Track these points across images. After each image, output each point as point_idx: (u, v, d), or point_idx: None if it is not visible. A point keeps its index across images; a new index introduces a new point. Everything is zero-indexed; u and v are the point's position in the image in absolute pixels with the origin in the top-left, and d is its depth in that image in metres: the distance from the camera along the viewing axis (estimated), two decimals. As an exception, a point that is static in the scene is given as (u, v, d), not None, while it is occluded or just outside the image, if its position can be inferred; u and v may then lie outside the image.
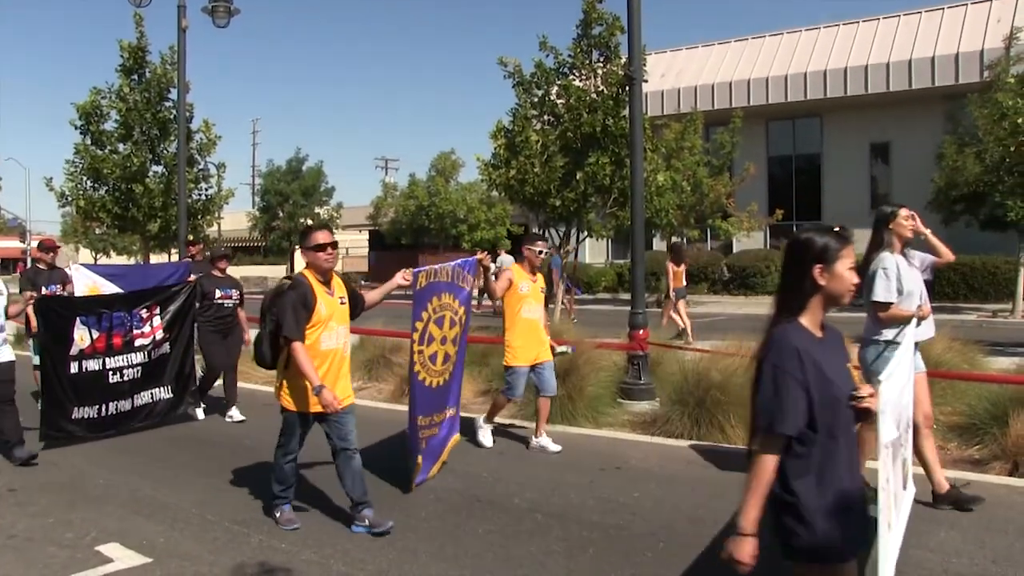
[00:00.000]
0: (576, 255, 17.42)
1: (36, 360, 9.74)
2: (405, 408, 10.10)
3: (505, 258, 25.68)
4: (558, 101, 15.64)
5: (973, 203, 23.16)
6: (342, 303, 5.87)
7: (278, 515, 5.88)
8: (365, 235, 52.90)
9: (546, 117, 15.92)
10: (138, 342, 9.17)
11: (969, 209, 23.70)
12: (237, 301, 9.80)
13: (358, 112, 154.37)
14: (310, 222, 44.35)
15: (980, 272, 26.57)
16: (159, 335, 9.37)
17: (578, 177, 14.87)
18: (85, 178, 18.09)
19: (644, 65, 11.31)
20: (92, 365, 8.72)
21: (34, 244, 47.20)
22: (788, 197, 33.25)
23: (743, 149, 28.87)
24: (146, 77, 17.90)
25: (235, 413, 9.70)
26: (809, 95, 31.60)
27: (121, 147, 17.97)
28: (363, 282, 47.14)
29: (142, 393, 9.20)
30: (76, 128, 17.96)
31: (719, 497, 6.31)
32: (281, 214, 46.15)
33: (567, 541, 5.42)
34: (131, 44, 17.78)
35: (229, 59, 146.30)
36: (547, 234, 16.37)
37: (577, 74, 15.55)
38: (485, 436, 8.20)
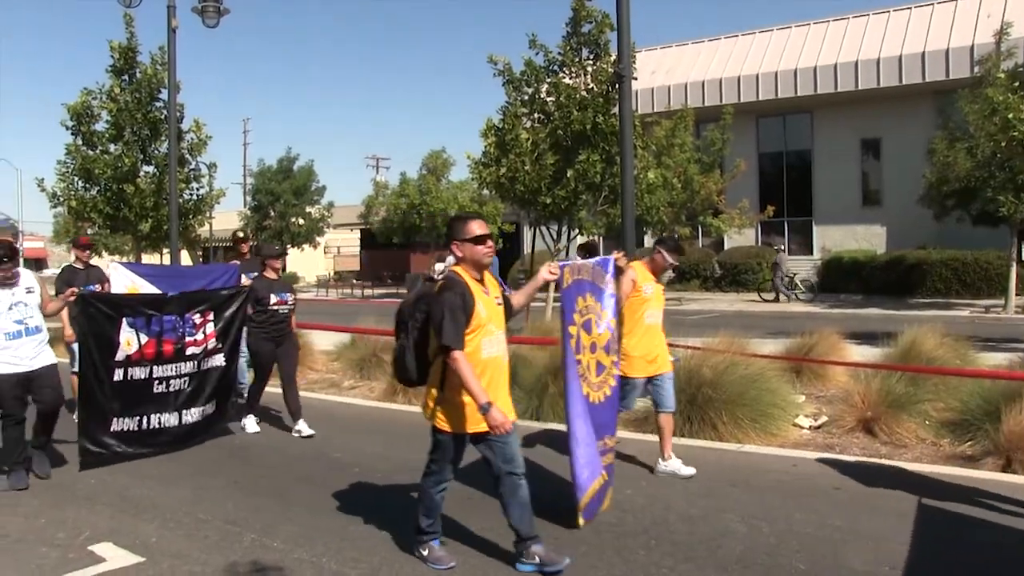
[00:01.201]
0: (567, 253, 17.45)
1: (74, 366, 9.16)
2: (398, 406, 10.21)
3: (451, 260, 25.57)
4: (548, 99, 15.66)
5: (965, 198, 23.23)
6: (498, 303, 5.08)
7: (425, 552, 5.12)
8: (356, 234, 52.88)
9: (536, 115, 15.94)
10: (189, 350, 8.18)
11: (961, 204, 23.77)
12: (292, 306, 8.93)
13: (348, 111, 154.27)
14: (300, 222, 44.49)
15: (972, 267, 26.67)
16: (211, 344, 8.35)
17: (568, 175, 14.90)
18: (76, 178, 18.05)
19: (634, 62, 11.35)
20: (138, 373, 7.82)
21: (28, 245, 47.01)
22: (779, 193, 33.33)
23: (734, 146, 28.94)
24: (137, 77, 17.86)
25: (303, 427, 8.76)
26: (799, 91, 31.65)
27: (112, 147, 17.93)
28: (355, 281, 47.17)
29: (191, 409, 8.21)
30: (67, 129, 17.91)
31: (711, 495, 6.34)
32: (272, 213, 46.06)
33: (558, 539, 5.42)
34: (121, 45, 17.74)
35: (219, 59, 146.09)
36: (538, 232, 16.40)
37: (567, 72, 15.57)
38: None
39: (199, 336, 8.24)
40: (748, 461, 7.35)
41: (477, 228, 4.96)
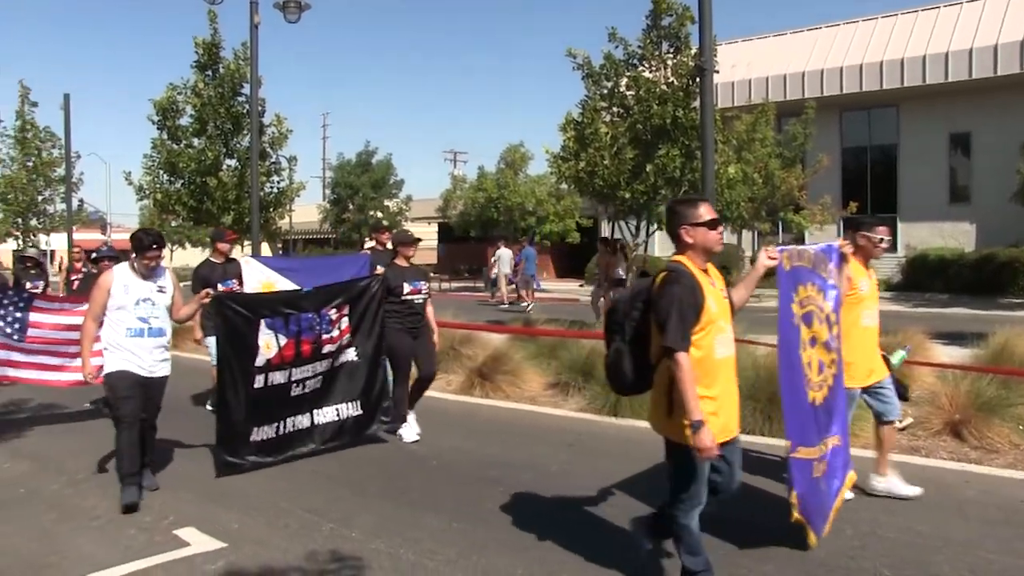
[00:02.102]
0: (646, 247, 17.30)
1: (215, 359, 8.86)
2: (476, 400, 10.23)
3: (504, 252, 25.48)
4: (627, 93, 15.53)
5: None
6: (725, 297, 4.49)
7: None
8: (434, 227, 53.23)
9: (615, 109, 15.81)
10: (326, 348, 7.59)
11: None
12: (427, 295, 8.31)
13: (427, 105, 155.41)
14: (379, 215, 44.98)
15: (1070, 267, 25.70)
16: (347, 339, 7.77)
17: (648, 169, 14.76)
18: (162, 172, 18.51)
19: (715, 56, 11.17)
20: (278, 378, 7.23)
21: (116, 236, 48.28)
22: (862, 189, 32.55)
23: (816, 140, 28.33)
24: (220, 73, 18.21)
25: (408, 432, 8.22)
26: (885, 84, 30.81)
27: (196, 141, 18.33)
28: (432, 274, 47.47)
29: (324, 408, 7.67)
30: (153, 123, 18.37)
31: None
32: (351, 207, 46.61)
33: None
34: (206, 41, 18.10)
35: (300, 54, 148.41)
36: (617, 227, 16.30)
37: (647, 65, 15.41)
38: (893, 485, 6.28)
39: (335, 332, 7.65)
40: (831, 462, 7.17)
41: (707, 211, 4.43)
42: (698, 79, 11.18)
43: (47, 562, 5.13)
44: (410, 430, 8.20)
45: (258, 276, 9.04)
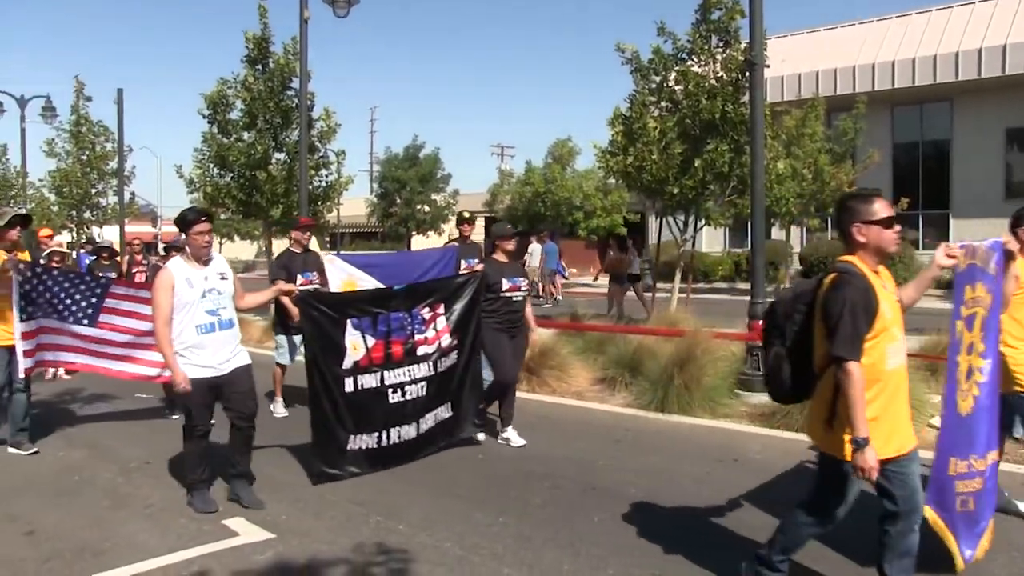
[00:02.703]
0: (693, 244, 17.19)
1: (280, 359, 9.20)
2: (524, 394, 10.21)
3: (536, 246, 25.42)
4: (676, 87, 15.40)
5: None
6: (898, 300, 4.21)
7: None
8: (481, 222, 53.38)
9: (664, 104, 15.69)
10: (421, 350, 7.15)
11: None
12: (527, 292, 7.85)
13: (474, 99, 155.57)
14: (426, 209, 45.20)
15: None
16: (445, 340, 7.31)
17: (696, 164, 14.64)
18: (212, 165, 18.75)
19: (765, 50, 11.05)
20: (369, 381, 6.83)
21: (166, 229, 48.99)
22: (914, 186, 32.05)
23: (867, 136, 27.88)
24: (270, 67, 18.39)
25: (513, 436, 7.79)
26: (939, 78, 30.26)
27: (246, 135, 18.53)
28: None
29: (426, 416, 7.20)
30: (204, 117, 18.61)
31: (841, 494, 6.11)
32: (398, 200, 46.84)
33: (682, 532, 5.35)
34: (256, 35, 18.29)
35: (348, 48, 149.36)
36: (664, 222, 16.21)
37: (696, 60, 15.28)
38: None
39: (430, 333, 7.20)
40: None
41: (883, 208, 4.14)
42: (748, 73, 11.08)
43: (101, 548, 5.23)
44: (514, 432, 7.82)
45: (340, 275, 8.80)
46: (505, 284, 7.59)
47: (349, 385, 6.72)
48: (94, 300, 7.82)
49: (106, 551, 5.18)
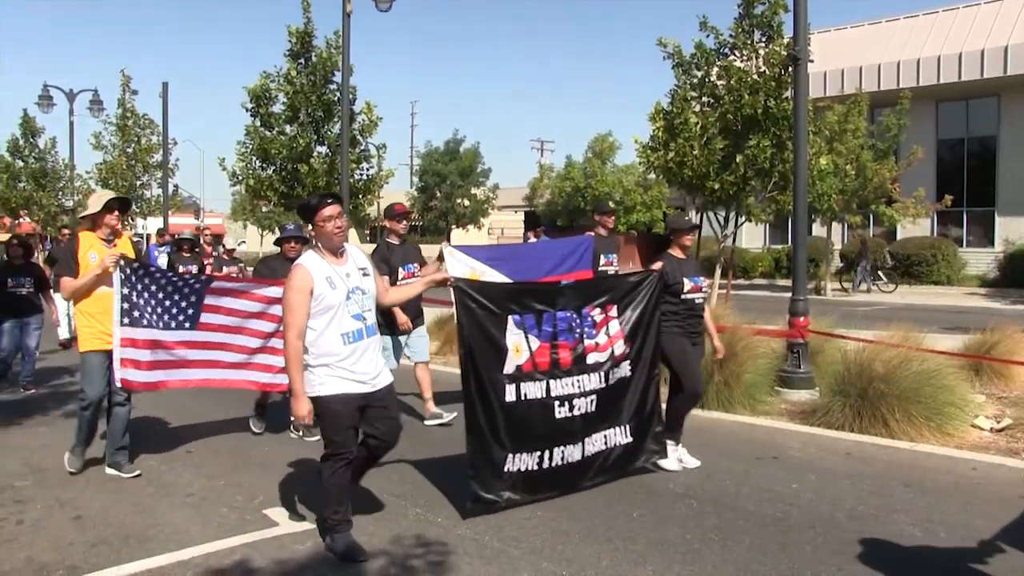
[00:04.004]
0: (734, 239, 17.10)
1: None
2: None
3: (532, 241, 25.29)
4: (718, 82, 15.36)
5: None
6: None
7: None
8: (520, 216, 53.38)
9: (706, 99, 15.66)
10: (591, 358, 6.12)
11: None
12: (707, 293, 7.18)
13: (514, 94, 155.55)
14: (466, 203, 45.33)
15: None
16: (618, 348, 6.28)
17: (738, 160, 14.58)
18: (254, 158, 18.96)
19: (808, 44, 10.96)
20: (533, 390, 5.81)
21: (208, 221, 49.50)
22: (958, 182, 31.55)
23: (911, 132, 27.49)
24: (312, 61, 18.54)
25: (685, 456, 6.82)
26: (986, 73, 29.74)
27: (288, 128, 18.72)
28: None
29: (593, 436, 6.15)
30: (247, 111, 18.81)
31: (882, 494, 6.07)
32: (438, 194, 47.02)
33: (721, 529, 5.33)
34: (299, 29, 18.46)
35: (390, 42, 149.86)
36: (705, 217, 16.16)
37: (738, 55, 15.22)
38: None
39: (601, 339, 6.20)
40: (922, 461, 7.00)
41: None
42: (791, 68, 10.99)
43: (146, 535, 5.32)
44: (685, 453, 6.84)
45: (462, 268, 7.82)
46: (687, 284, 6.72)
47: (510, 393, 5.72)
48: (194, 299, 6.89)
49: (150, 538, 5.27)
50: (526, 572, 4.71)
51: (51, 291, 10.63)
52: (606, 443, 6.22)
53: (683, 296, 6.71)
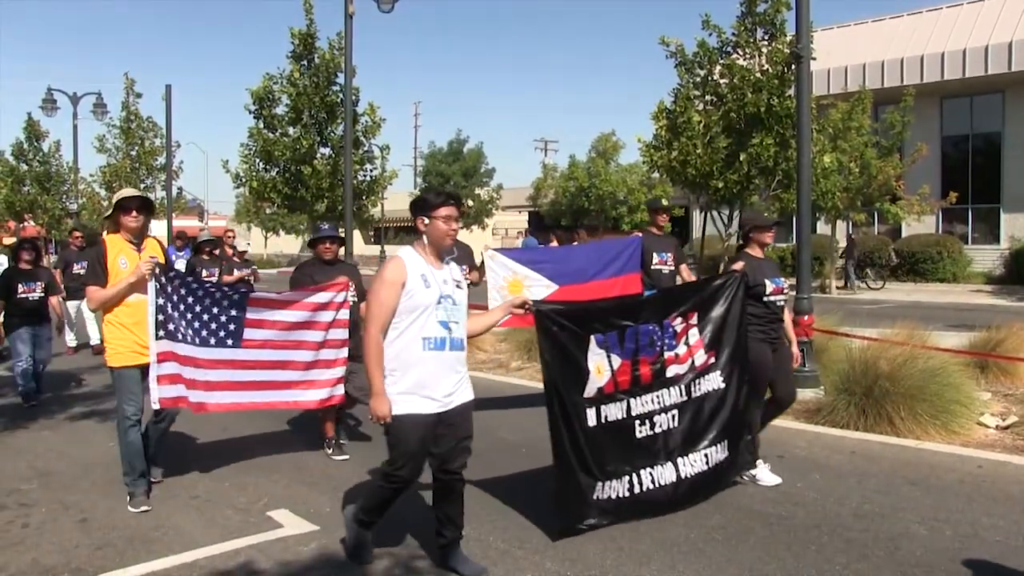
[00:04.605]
0: (737, 239, 17.12)
1: None
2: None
3: (531, 240, 25.34)
4: (721, 81, 15.36)
5: None
6: None
7: None
8: (525, 216, 53.42)
9: (709, 97, 15.68)
10: (671, 370, 5.71)
11: None
12: (787, 297, 6.56)
13: (518, 94, 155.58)
14: (469, 203, 45.38)
15: None
16: (699, 358, 5.84)
17: (741, 158, 14.59)
18: (258, 160, 18.99)
19: (811, 42, 10.95)
20: (614, 412, 5.44)
21: (212, 223, 49.60)
22: (963, 179, 31.49)
23: (915, 129, 27.44)
24: (315, 63, 18.57)
25: (765, 475, 6.30)
26: (990, 69, 29.65)
27: (291, 130, 18.76)
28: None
29: (689, 455, 5.74)
30: (250, 113, 18.85)
31: (887, 492, 6.06)
32: (442, 195, 47.09)
33: (726, 528, 5.33)
34: (301, 31, 18.50)
35: (392, 43, 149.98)
36: (708, 216, 16.15)
37: (741, 53, 15.22)
38: None
39: (680, 349, 5.75)
40: (927, 459, 6.98)
41: None
42: (794, 66, 10.97)
43: (151, 537, 5.32)
44: (765, 471, 6.33)
45: (503, 273, 7.75)
46: (768, 286, 6.27)
47: (591, 418, 5.34)
48: (235, 313, 6.26)
49: (155, 540, 5.28)
50: (530, 572, 4.71)
51: (60, 297, 10.44)
52: (707, 462, 5.79)
53: (764, 299, 6.27)
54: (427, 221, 4.58)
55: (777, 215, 19.38)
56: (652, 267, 8.43)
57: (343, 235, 6.84)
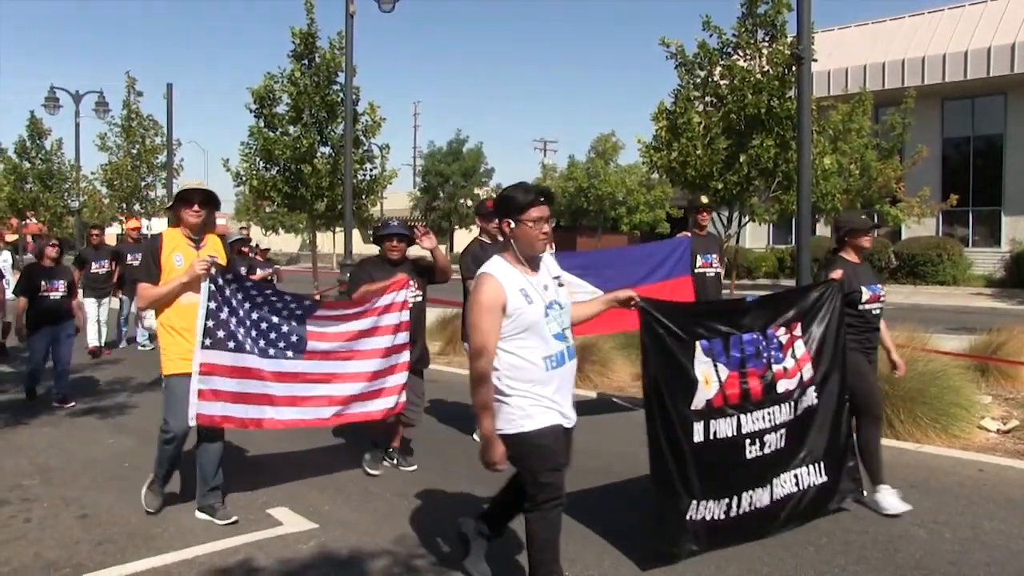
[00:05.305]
0: (737, 239, 17.10)
1: None
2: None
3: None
4: (721, 82, 15.35)
5: None
6: None
7: None
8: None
9: (709, 98, 15.67)
10: (781, 385, 5.17)
11: None
12: (883, 305, 6.08)
13: (517, 94, 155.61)
14: (469, 203, 45.37)
15: None
16: (806, 372, 5.31)
17: (741, 160, 14.58)
18: (258, 159, 18.97)
19: (812, 44, 10.94)
20: (724, 428, 4.91)
21: (222, 222, 49.49)
22: (964, 182, 31.52)
23: (916, 131, 27.49)
24: (316, 62, 18.56)
25: (890, 500, 5.69)
26: (992, 71, 29.66)
27: (291, 129, 18.73)
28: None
29: (783, 476, 5.22)
30: (251, 111, 18.83)
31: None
32: (441, 194, 47.14)
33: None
34: (302, 30, 18.48)
35: (392, 43, 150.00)
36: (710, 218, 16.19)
37: (741, 54, 15.21)
38: None
39: (788, 363, 5.22)
40: (927, 462, 6.98)
41: None
42: (794, 68, 10.96)
43: (151, 534, 5.34)
44: (891, 495, 5.73)
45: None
46: (865, 293, 5.85)
47: (698, 433, 4.83)
48: (295, 323, 5.86)
49: (155, 536, 5.29)
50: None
51: (79, 296, 10.28)
52: (798, 484, 5.29)
53: (860, 307, 5.83)
54: (513, 224, 4.00)
55: (777, 217, 19.40)
56: (696, 270, 8.14)
57: (412, 231, 6.50)
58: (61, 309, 9.63)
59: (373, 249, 6.82)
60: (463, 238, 47.28)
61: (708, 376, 4.85)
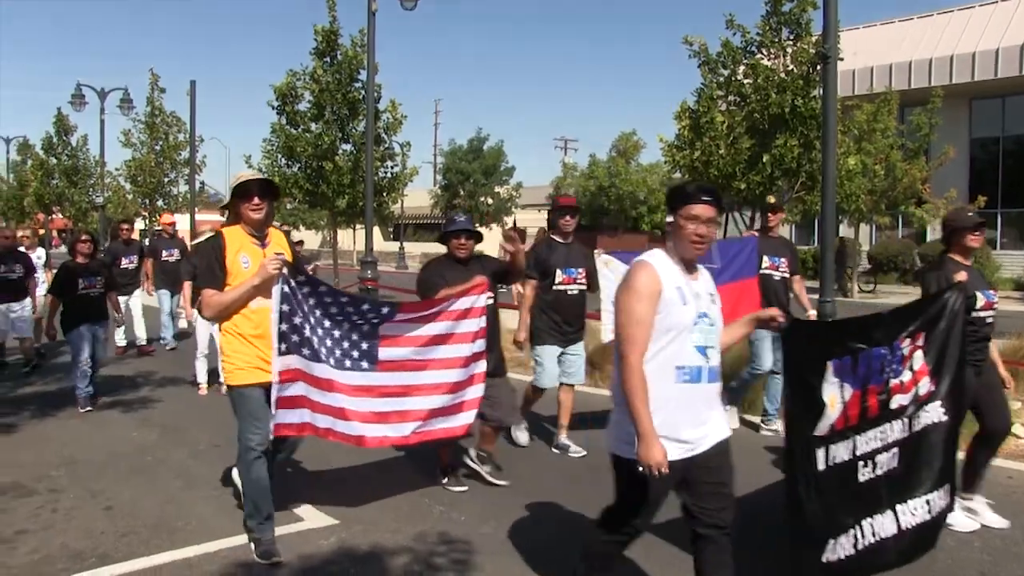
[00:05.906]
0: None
1: (540, 380, 7.36)
2: (588, 389, 10.18)
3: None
4: (745, 81, 15.27)
5: None
6: None
7: None
8: (544, 215, 53.40)
9: (732, 98, 15.58)
10: (895, 400, 4.49)
11: None
12: (995, 312, 5.54)
13: (538, 92, 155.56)
14: (489, 201, 45.40)
15: None
16: (923, 386, 4.60)
17: (764, 160, 14.50)
18: (280, 156, 19.07)
19: (838, 42, 10.87)
20: (841, 453, 4.24)
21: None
22: (992, 183, 31.16)
23: (942, 131, 27.18)
24: (338, 59, 18.63)
25: (988, 515, 5.52)
26: (1024, 70, 29.31)
27: (313, 126, 18.82)
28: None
29: (911, 502, 4.50)
30: (273, 108, 18.93)
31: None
32: (462, 192, 47.10)
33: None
34: (324, 28, 18.56)
35: (414, 40, 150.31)
36: (731, 218, 16.09)
37: (765, 53, 15.13)
38: None
39: (905, 376, 4.55)
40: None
41: None
42: (819, 67, 10.89)
43: (175, 526, 5.38)
44: (990, 510, 5.56)
45: (617, 279, 6.15)
46: (979, 299, 5.36)
47: (820, 460, 4.18)
48: (367, 329, 5.41)
49: (178, 529, 5.33)
50: (545, 568, 4.72)
51: (116, 294, 10.00)
52: (930, 511, 4.55)
53: (974, 314, 5.25)
54: (672, 219, 3.70)
55: (800, 217, 19.28)
56: (761, 271, 7.76)
57: (480, 229, 6.21)
58: (99, 307, 9.35)
59: (394, 246, 6.79)
60: (485, 236, 47.27)
61: (834, 399, 4.25)
